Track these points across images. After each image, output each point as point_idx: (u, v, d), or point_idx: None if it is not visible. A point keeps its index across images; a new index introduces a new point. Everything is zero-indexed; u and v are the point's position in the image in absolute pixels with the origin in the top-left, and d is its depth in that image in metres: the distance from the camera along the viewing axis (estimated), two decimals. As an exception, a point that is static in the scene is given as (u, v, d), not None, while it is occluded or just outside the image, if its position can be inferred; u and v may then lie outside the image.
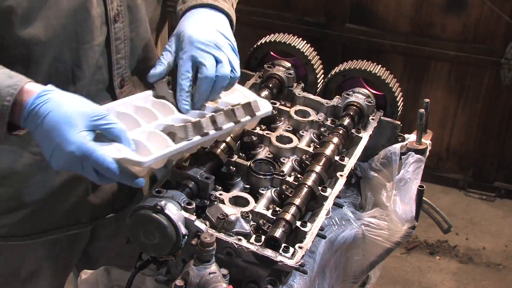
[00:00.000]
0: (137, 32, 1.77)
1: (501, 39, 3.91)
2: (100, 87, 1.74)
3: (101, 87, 1.74)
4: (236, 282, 1.50)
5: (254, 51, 2.20)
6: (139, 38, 1.79)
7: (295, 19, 4.17)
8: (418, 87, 4.16)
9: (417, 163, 1.92)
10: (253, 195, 1.72)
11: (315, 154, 1.83)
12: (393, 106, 2.10)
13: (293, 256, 1.52)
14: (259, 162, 1.80)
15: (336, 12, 4.11)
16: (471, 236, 4.02)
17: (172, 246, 1.48)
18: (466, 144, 4.28)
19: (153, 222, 1.47)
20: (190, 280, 1.44)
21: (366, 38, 4.11)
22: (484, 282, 3.72)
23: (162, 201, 1.48)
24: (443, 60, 4.07)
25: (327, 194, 1.72)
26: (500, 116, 4.11)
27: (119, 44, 1.72)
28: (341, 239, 1.86)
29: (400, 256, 3.82)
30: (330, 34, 4.14)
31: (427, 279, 3.73)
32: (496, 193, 4.32)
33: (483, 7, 3.84)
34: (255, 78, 2.11)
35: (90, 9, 1.60)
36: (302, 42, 2.16)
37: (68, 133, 1.39)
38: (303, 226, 1.60)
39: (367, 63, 2.11)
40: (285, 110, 2.02)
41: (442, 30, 3.99)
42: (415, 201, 1.89)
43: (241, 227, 1.57)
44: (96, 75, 1.71)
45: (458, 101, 4.16)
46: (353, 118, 1.97)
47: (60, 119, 1.40)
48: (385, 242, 1.93)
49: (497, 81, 4.01)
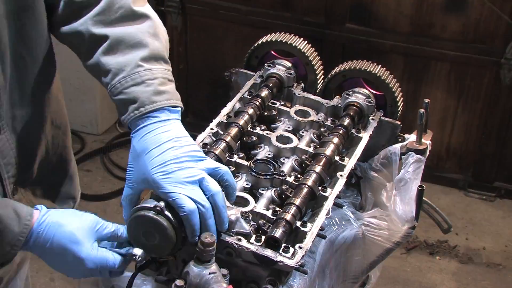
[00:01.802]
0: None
1: (501, 39, 3.91)
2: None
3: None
4: (236, 282, 1.50)
5: (254, 50, 2.20)
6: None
7: (295, 19, 4.16)
8: (418, 87, 4.16)
9: (417, 163, 1.92)
10: (253, 195, 1.72)
11: (315, 154, 1.83)
12: (393, 106, 2.10)
13: (293, 256, 1.52)
14: (259, 162, 1.80)
15: (336, 12, 4.10)
16: (471, 236, 4.02)
17: (172, 247, 1.48)
18: (466, 144, 4.28)
19: (153, 223, 1.46)
20: (190, 280, 1.44)
21: (366, 38, 4.10)
22: (484, 282, 3.72)
23: (162, 202, 1.48)
24: (443, 60, 4.07)
25: (327, 194, 1.72)
26: (500, 116, 4.11)
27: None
28: (341, 239, 1.86)
29: (400, 256, 3.82)
30: (330, 34, 4.14)
31: (427, 279, 3.73)
32: (496, 193, 4.32)
33: (483, 7, 3.84)
34: (255, 78, 2.11)
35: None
36: (302, 42, 2.16)
37: (79, 251, 1.47)
38: (303, 226, 1.60)
39: (367, 63, 2.11)
40: (285, 110, 2.02)
41: (442, 30, 3.98)
42: (415, 201, 1.89)
43: (241, 227, 1.57)
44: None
45: (458, 101, 4.16)
46: (353, 118, 1.97)
47: (67, 241, 1.46)
48: (385, 242, 1.93)
49: (497, 81, 4.01)
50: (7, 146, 1.61)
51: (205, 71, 4.48)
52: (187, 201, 1.46)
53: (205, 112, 4.37)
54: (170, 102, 1.58)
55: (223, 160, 1.76)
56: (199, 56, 4.50)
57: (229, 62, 3.91)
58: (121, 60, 1.59)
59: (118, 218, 1.57)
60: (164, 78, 1.60)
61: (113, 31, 1.60)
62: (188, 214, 1.46)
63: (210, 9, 4.30)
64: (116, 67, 1.59)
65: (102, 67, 1.60)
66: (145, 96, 1.56)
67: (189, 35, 4.42)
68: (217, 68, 4.35)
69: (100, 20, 1.61)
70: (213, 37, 4.41)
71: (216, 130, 1.88)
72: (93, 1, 1.62)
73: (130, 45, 1.60)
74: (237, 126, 1.85)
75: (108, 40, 1.60)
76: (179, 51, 4.45)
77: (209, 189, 1.50)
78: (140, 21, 1.64)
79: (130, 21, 1.63)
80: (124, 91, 1.58)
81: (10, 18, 1.52)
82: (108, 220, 1.55)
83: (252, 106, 1.94)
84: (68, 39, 1.67)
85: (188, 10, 4.32)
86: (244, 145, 1.87)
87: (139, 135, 1.55)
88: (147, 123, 1.55)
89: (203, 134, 1.85)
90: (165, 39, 1.68)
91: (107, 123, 4.75)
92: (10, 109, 1.60)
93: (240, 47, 4.25)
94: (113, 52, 1.60)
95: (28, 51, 1.61)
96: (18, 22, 1.54)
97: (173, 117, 1.57)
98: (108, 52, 1.60)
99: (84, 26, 1.61)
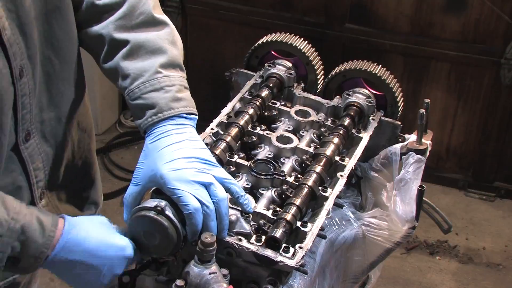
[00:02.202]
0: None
1: (501, 39, 3.91)
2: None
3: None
4: (236, 282, 1.50)
5: (254, 50, 2.20)
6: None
7: (295, 19, 4.16)
8: (418, 87, 4.16)
9: (418, 163, 1.92)
10: (253, 195, 1.72)
11: (316, 154, 1.83)
12: (393, 106, 2.10)
13: (293, 256, 1.52)
14: (260, 162, 1.80)
15: (336, 12, 4.10)
16: (471, 236, 4.02)
17: (173, 247, 1.48)
18: (466, 144, 4.28)
19: (154, 224, 1.46)
20: (191, 280, 1.44)
21: (366, 38, 4.10)
22: (484, 282, 3.72)
23: (162, 202, 1.48)
24: (443, 60, 4.06)
25: (327, 194, 1.72)
26: (500, 116, 4.11)
27: (25, 99, 1.53)
28: (341, 239, 1.86)
29: (400, 256, 3.82)
30: (330, 34, 4.14)
31: (427, 279, 3.72)
32: (496, 193, 4.31)
33: (483, 7, 3.84)
34: (255, 78, 2.11)
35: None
36: (303, 42, 2.16)
37: (102, 280, 1.48)
38: (303, 226, 1.60)
39: (368, 63, 2.12)
40: (285, 110, 2.02)
41: (442, 30, 3.98)
42: (415, 201, 1.89)
43: (242, 227, 1.57)
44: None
45: (458, 101, 4.15)
46: (353, 118, 1.97)
47: (89, 272, 1.46)
48: (385, 242, 1.93)
49: (497, 81, 4.00)
50: (36, 151, 1.60)
51: (205, 71, 4.48)
52: (192, 199, 1.47)
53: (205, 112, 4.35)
54: (187, 109, 1.60)
55: (223, 160, 1.76)
56: (199, 56, 4.49)
57: (229, 62, 3.91)
58: (140, 66, 1.61)
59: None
60: (181, 85, 1.63)
61: (134, 36, 1.62)
62: (193, 213, 1.46)
63: (210, 9, 4.30)
64: (135, 72, 1.60)
65: (121, 71, 1.62)
66: (163, 102, 1.58)
67: (189, 35, 4.42)
68: (217, 68, 4.35)
69: (122, 25, 1.62)
70: (213, 37, 4.41)
71: (217, 130, 1.88)
72: (114, 6, 1.63)
73: (150, 51, 1.62)
74: (238, 126, 1.85)
75: (129, 45, 1.61)
76: (179, 51, 4.44)
77: (216, 194, 1.50)
78: (160, 28, 1.66)
79: (150, 27, 1.65)
80: (142, 96, 1.59)
81: (39, 20, 1.52)
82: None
83: (253, 106, 1.94)
84: (87, 41, 1.68)
85: (188, 10, 4.32)
86: (244, 145, 1.88)
87: (153, 135, 1.57)
88: (162, 125, 1.58)
89: (204, 134, 1.86)
90: (181, 47, 1.71)
91: (107, 123, 4.75)
92: (38, 113, 1.59)
93: (240, 47, 4.25)
94: (132, 57, 1.61)
95: (56, 53, 1.60)
96: (46, 24, 1.54)
97: (188, 123, 1.60)
98: (128, 57, 1.61)
99: (105, 30, 1.63)
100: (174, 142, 1.55)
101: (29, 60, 1.50)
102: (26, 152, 1.57)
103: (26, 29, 1.46)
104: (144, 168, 1.55)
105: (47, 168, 1.66)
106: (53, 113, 1.64)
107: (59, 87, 1.64)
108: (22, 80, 1.48)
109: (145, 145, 1.58)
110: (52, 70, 1.60)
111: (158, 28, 1.66)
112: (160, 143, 1.55)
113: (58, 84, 1.63)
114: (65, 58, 1.63)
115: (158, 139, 1.56)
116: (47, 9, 1.53)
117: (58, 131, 1.67)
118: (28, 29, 1.47)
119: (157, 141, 1.56)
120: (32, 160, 1.60)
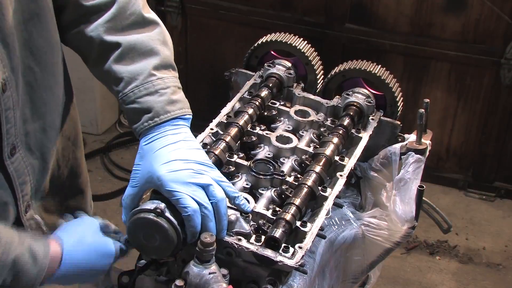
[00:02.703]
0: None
1: (501, 39, 3.90)
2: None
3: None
4: (236, 282, 1.50)
5: (254, 50, 2.20)
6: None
7: (295, 19, 4.16)
8: (418, 87, 4.16)
9: (417, 163, 1.92)
10: (253, 195, 1.72)
11: (315, 154, 1.83)
12: (393, 106, 2.10)
13: (293, 256, 1.52)
14: (259, 162, 1.80)
15: (336, 12, 4.10)
16: (471, 236, 4.02)
17: (173, 248, 1.48)
18: (466, 144, 4.28)
19: (154, 225, 1.46)
20: (190, 280, 1.44)
21: (366, 38, 4.10)
22: (484, 282, 3.72)
23: (161, 204, 1.48)
24: (443, 60, 4.06)
25: (327, 194, 1.72)
26: (500, 116, 4.11)
27: (9, 113, 1.47)
28: (341, 239, 1.86)
29: (400, 256, 3.82)
30: (330, 34, 4.13)
31: (427, 279, 3.72)
32: (496, 193, 4.31)
33: (483, 7, 3.84)
34: (255, 78, 2.11)
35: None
36: (302, 42, 2.16)
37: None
38: (303, 226, 1.60)
39: (367, 63, 2.12)
40: (285, 110, 2.02)
41: (442, 30, 3.98)
42: (415, 201, 1.89)
43: (241, 227, 1.57)
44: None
45: (458, 101, 4.15)
46: (353, 118, 1.97)
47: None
48: (385, 242, 1.93)
49: (497, 81, 4.00)
50: (22, 165, 1.55)
51: (205, 71, 4.48)
52: (190, 201, 1.46)
53: (205, 112, 4.35)
54: (182, 112, 1.60)
55: (223, 160, 1.76)
56: (199, 56, 4.49)
57: (229, 62, 3.91)
58: (133, 69, 1.59)
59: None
60: (175, 86, 1.62)
61: (125, 39, 1.59)
62: (191, 215, 1.46)
63: (210, 9, 4.30)
64: (128, 75, 1.58)
65: (113, 75, 1.60)
66: (159, 106, 1.57)
67: (189, 35, 4.42)
68: (217, 68, 4.34)
69: (112, 27, 1.60)
70: (213, 37, 4.41)
71: (216, 130, 1.88)
72: (103, 7, 1.60)
73: (142, 53, 1.60)
74: (237, 126, 1.85)
75: (120, 48, 1.59)
76: (179, 51, 4.44)
77: (214, 195, 1.50)
78: (151, 28, 1.64)
79: (141, 28, 1.62)
80: (137, 100, 1.58)
81: (19, 29, 1.47)
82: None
83: (252, 106, 1.94)
84: (75, 43, 1.65)
85: (188, 10, 4.31)
86: (244, 145, 1.88)
87: (148, 137, 1.56)
88: (159, 128, 1.57)
89: (203, 134, 1.85)
90: (171, 45, 1.69)
91: (107, 123, 4.75)
92: (22, 125, 1.54)
93: (240, 47, 4.25)
94: (125, 60, 1.59)
95: (37, 61, 1.54)
96: (26, 32, 1.50)
97: (183, 124, 1.59)
98: (120, 60, 1.59)
99: (95, 33, 1.60)
100: (170, 143, 1.54)
101: (12, 72, 1.45)
102: (12, 167, 1.52)
103: (8, 40, 1.42)
104: (141, 169, 1.54)
105: (33, 181, 1.61)
106: (37, 124, 1.59)
107: (42, 96, 1.59)
108: (6, 93, 1.43)
109: (140, 146, 1.57)
110: (34, 79, 1.55)
111: (148, 28, 1.64)
112: (155, 144, 1.55)
113: (41, 93, 1.58)
114: (47, 66, 1.58)
115: (153, 140, 1.55)
116: (25, 17, 1.48)
117: (43, 142, 1.63)
118: (10, 40, 1.42)
119: (153, 142, 1.55)
120: (18, 175, 1.55)
